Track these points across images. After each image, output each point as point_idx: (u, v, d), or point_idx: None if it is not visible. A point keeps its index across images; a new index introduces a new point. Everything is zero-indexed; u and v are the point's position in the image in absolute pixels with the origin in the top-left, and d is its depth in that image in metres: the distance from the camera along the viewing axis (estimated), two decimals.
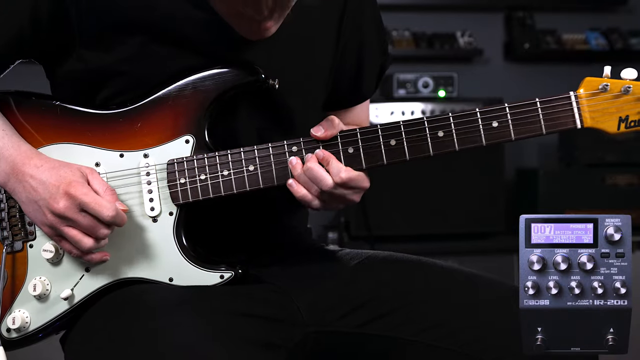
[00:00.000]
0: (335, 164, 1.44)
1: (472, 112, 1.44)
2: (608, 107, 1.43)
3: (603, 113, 1.43)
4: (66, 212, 1.41)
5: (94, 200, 1.40)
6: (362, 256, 1.62)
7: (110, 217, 1.41)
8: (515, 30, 4.35)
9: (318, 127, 1.46)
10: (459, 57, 4.35)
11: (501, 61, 4.44)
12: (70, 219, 1.41)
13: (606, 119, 1.43)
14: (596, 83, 1.43)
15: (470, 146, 1.45)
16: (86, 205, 1.40)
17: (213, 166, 1.47)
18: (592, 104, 1.43)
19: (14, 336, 1.50)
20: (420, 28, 4.29)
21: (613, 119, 1.43)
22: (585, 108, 1.43)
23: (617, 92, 1.42)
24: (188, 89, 1.47)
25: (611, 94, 1.42)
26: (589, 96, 1.43)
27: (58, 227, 1.43)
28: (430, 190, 3.72)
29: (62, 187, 1.41)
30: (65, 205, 1.41)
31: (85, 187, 1.42)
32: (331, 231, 3.72)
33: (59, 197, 1.41)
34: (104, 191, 1.43)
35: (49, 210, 1.42)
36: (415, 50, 4.24)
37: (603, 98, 1.42)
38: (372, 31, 1.65)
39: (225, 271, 1.46)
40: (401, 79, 3.93)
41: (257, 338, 1.40)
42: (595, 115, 1.43)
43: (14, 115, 1.51)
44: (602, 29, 4.40)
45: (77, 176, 1.43)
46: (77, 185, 1.41)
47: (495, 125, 1.44)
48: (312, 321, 1.50)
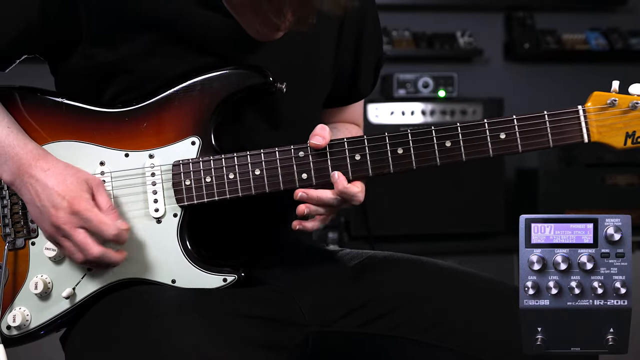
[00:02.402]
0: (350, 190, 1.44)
1: (480, 122, 1.44)
2: (616, 123, 1.43)
3: (610, 128, 1.43)
4: (64, 226, 1.40)
5: (96, 218, 1.40)
6: (362, 256, 1.62)
7: (112, 235, 1.40)
8: (515, 30, 4.35)
9: (317, 138, 1.45)
10: (459, 57, 4.35)
11: (501, 61, 4.43)
12: (66, 232, 1.41)
13: (613, 134, 1.43)
14: (604, 98, 1.43)
15: (477, 157, 1.45)
16: (89, 222, 1.40)
17: (219, 169, 1.47)
18: (600, 119, 1.43)
19: (14, 334, 1.50)
20: (420, 28, 4.29)
21: (620, 134, 1.43)
22: (593, 123, 1.43)
23: (625, 107, 1.42)
24: (195, 89, 1.47)
25: (619, 109, 1.42)
26: (597, 111, 1.43)
27: (55, 236, 1.43)
28: (430, 190, 3.72)
29: (67, 199, 1.40)
30: (65, 219, 1.40)
31: (89, 203, 1.41)
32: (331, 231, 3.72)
33: (61, 210, 1.40)
34: (107, 208, 1.42)
35: (49, 218, 1.41)
36: (415, 50, 4.23)
37: (611, 113, 1.43)
38: (371, 29, 1.65)
39: (228, 274, 1.46)
40: (401, 79, 3.93)
41: (260, 339, 1.40)
42: (602, 130, 1.43)
43: (19, 111, 1.51)
44: (602, 29, 4.40)
45: (83, 189, 1.42)
46: (82, 200, 1.41)
47: (502, 137, 1.44)
48: (313, 321, 1.50)
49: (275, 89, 1.47)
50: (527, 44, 4.31)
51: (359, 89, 1.69)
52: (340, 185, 1.43)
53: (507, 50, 4.42)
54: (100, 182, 1.45)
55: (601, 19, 4.46)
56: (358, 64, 1.65)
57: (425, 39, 4.26)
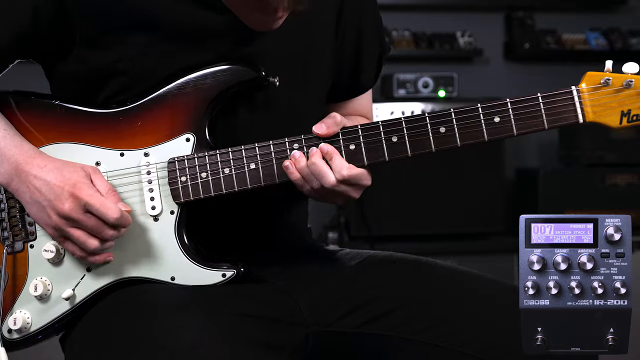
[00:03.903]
0: (338, 160, 1.44)
1: (474, 107, 1.44)
2: (610, 102, 1.42)
3: (605, 107, 1.42)
4: (71, 213, 1.40)
5: (99, 202, 1.40)
6: (362, 256, 1.62)
7: (115, 218, 1.40)
8: (515, 30, 4.35)
9: (320, 125, 1.45)
10: (459, 57, 4.36)
11: (501, 61, 4.44)
12: (75, 219, 1.41)
13: (608, 113, 1.42)
14: (598, 77, 1.42)
15: (472, 142, 1.44)
16: (91, 206, 1.40)
17: (214, 164, 1.47)
18: (594, 98, 1.42)
19: (15, 337, 1.50)
20: (420, 28, 4.29)
21: (615, 113, 1.42)
22: (587, 102, 1.42)
23: (619, 86, 1.41)
24: (189, 87, 1.47)
25: (613, 88, 1.41)
26: (590, 90, 1.42)
27: (63, 228, 1.42)
28: (430, 190, 3.72)
29: (66, 188, 1.41)
30: (71, 206, 1.40)
31: (90, 188, 1.42)
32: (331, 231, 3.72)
33: (64, 199, 1.41)
34: (107, 192, 1.43)
35: (54, 211, 1.41)
36: (415, 50, 4.24)
37: (605, 92, 1.42)
38: (370, 21, 1.65)
39: (228, 270, 1.46)
40: (401, 79, 3.93)
41: (259, 338, 1.40)
42: (597, 109, 1.42)
43: (14, 115, 1.51)
44: (602, 29, 4.40)
45: (81, 176, 1.43)
46: (82, 186, 1.41)
47: (497, 120, 1.43)
48: (313, 321, 1.50)
49: (268, 82, 1.47)
50: (527, 44, 4.31)
51: (361, 81, 1.68)
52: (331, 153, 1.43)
53: (507, 50, 4.42)
54: (96, 169, 1.46)
55: (601, 19, 4.46)
56: (359, 55, 1.65)
57: (425, 39, 4.26)
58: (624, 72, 1.42)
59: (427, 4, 4.36)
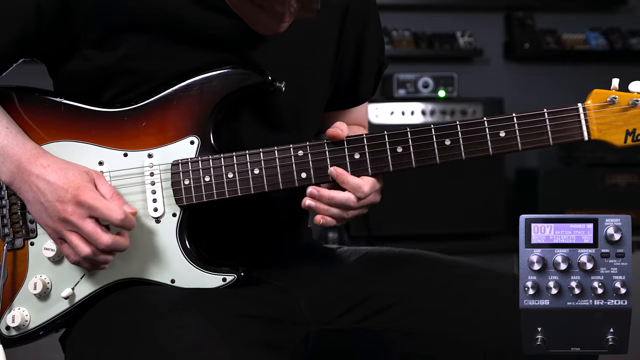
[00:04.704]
0: (352, 181, 1.44)
1: (480, 121, 1.44)
2: (615, 120, 1.42)
3: (610, 126, 1.43)
4: (72, 217, 1.39)
5: (103, 205, 1.39)
6: (360, 252, 1.62)
7: (120, 220, 1.40)
8: (515, 30, 4.35)
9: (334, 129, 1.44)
10: (459, 57, 4.36)
11: (501, 61, 4.44)
12: (74, 224, 1.40)
13: (613, 132, 1.43)
14: (604, 95, 1.43)
15: (476, 155, 1.44)
16: (96, 209, 1.39)
17: (218, 168, 1.46)
18: (600, 117, 1.43)
19: (13, 334, 1.50)
20: (420, 28, 4.29)
21: (620, 132, 1.43)
22: (593, 120, 1.43)
23: (625, 105, 1.42)
24: (194, 89, 1.46)
25: (619, 106, 1.42)
26: (597, 108, 1.43)
27: (61, 230, 1.42)
28: (430, 190, 3.72)
29: (70, 191, 1.40)
30: (73, 211, 1.39)
31: (94, 192, 1.41)
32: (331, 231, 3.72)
33: (67, 202, 1.39)
34: (111, 195, 1.42)
35: (55, 213, 1.40)
36: (415, 50, 4.24)
37: (611, 111, 1.42)
38: (372, 32, 1.65)
39: (228, 274, 1.46)
40: (401, 79, 3.93)
41: (260, 338, 1.40)
42: (602, 127, 1.43)
43: (16, 111, 1.50)
44: (602, 29, 4.40)
45: (85, 180, 1.42)
46: (86, 190, 1.40)
47: (502, 135, 1.43)
48: (314, 319, 1.50)
49: (274, 88, 1.47)
50: (527, 44, 4.31)
51: (359, 92, 1.69)
52: (342, 177, 1.43)
53: (507, 50, 4.42)
54: (100, 173, 1.45)
55: (601, 19, 4.46)
56: (359, 67, 1.65)
57: (425, 39, 4.26)
58: (630, 91, 1.42)
59: (427, 4, 4.36)
